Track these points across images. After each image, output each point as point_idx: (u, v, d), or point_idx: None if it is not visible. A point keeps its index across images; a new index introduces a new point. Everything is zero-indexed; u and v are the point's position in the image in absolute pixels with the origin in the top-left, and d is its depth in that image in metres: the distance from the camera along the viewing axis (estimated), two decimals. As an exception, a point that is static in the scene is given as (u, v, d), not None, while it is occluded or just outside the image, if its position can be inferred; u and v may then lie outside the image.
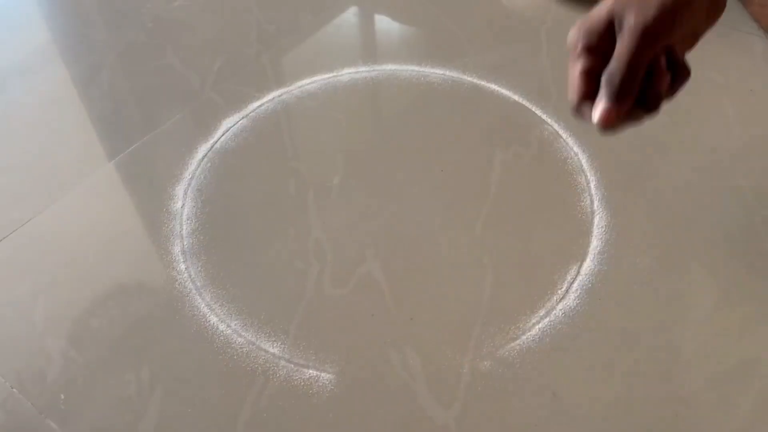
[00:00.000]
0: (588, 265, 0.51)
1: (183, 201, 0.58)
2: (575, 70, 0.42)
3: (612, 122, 0.40)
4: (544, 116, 0.65)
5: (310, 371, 0.46)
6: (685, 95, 0.71)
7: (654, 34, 0.42)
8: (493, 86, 0.69)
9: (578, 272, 0.51)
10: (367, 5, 0.83)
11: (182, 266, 0.53)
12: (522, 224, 0.54)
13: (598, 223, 0.54)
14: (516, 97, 0.67)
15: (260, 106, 0.68)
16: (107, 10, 0.86)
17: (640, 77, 0.42)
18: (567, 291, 0.50)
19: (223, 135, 0.65)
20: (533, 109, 0.65)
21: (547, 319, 0.48)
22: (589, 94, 0.42)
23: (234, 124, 0.66)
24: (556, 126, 0.63)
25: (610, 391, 0.44)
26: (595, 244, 0.53)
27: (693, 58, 0.76)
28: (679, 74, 0.43)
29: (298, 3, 0.84)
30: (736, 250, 0.52)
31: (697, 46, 0.72)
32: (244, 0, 0.85)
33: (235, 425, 0.43)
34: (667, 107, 0.70)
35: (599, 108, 0.41)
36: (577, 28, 0.42)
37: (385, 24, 0.81)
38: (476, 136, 0.63)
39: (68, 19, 0.86)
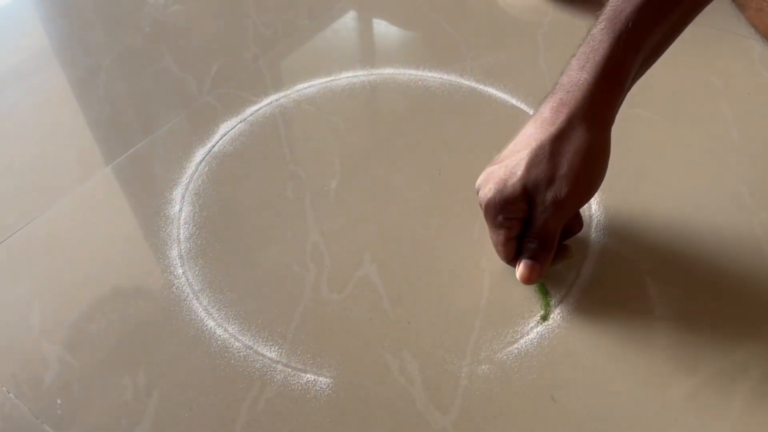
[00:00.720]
0: (586, 268, 0.51)
1: (180, 205, 0.58)
2: (499, 238, 0.48)
3: (534, 279, 0.47)
4: (541, 120, 0.65)
5: (308, 375, 0.46)
6: (683, 99, 0.72)
7: (569, 208, 0.46)
8: (491, 90, 0.69)
9: (576, 275, 0.51)
10: (365, 9, 0.83)
11: (179, 270, 0.53)
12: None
13: (596, 226, 0.54)
14: (514, 101, 0.67)
15: (258, 110, 0.68)
16: (104, 13, 0.86)
17: (556, 241, 0.47)
18: (565, 295, 0.50)
19: (220, 139, 0.65)
20: (531, 113, 0.65)
21: (546, 322, 0.48)
22: (515, 256, 0.47)
23: (231, 128, 0.66)
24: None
25: (609, 395, 0.44)
26: (593, 247, 0.53)
27: (691, 61, 0.76)
28: (579, 226, 0.50)
29: (295, 7, 0.84)
30: (735, 254, 0.52)
31: (695, 50, 0.74)
32: (242, 4, 0.85)
33: (232, 429, 0.43)
34: (666, 111, 0.71)
35: (523, 269, 0.46)
36: (492, 199, 0.45)
37: (382, 28, 0.81)
38: (474, 140, 0.63)
39: (65, 22, 0.86)
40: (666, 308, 0.48)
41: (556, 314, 0.49)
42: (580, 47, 0.45)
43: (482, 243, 0.53)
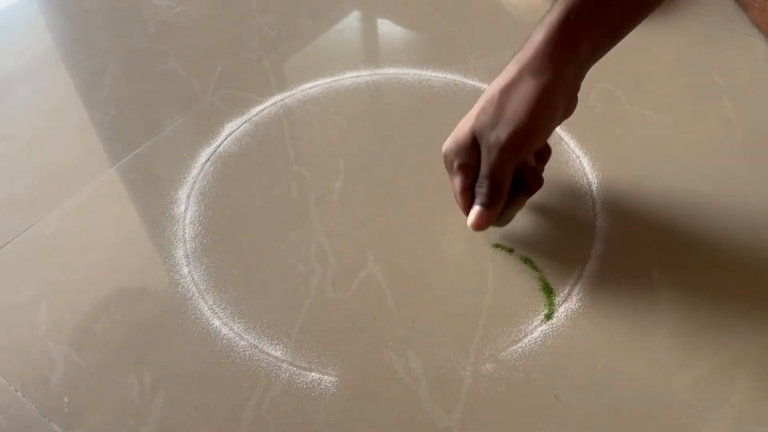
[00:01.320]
0: (590, 267, 0.51)
1: (186, 205, 0.59)
2: (456, 186, 0.49)
3: (483, 225, 0.48)
4: (545, 119, 0.65)
5: (313, 374, 0.46)
6: (686, 98, 0.72)
7: (510, 153, 0.48)
8: (495, 90, 0.69)
9: (580, 275, 0.51)
10: (368, 9, 0.84)
11: (185, 270, 0.53)
12: (524, 227, 0.54)
13: (600, 225, 0.54)
14: (517, 101, 0.67)
15: (262, 110, 0.68)
16: (109, 15, 0.87)
17: (505, 188, 0.48)
18: (569, 293, 0.50)
19: (225, 139, 0.65)
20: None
21: (550, 321, 0.48)
22: (471, 206, 0.47)
23: (236, 129, 0.66)
24: (557, 129, 0.63)
25: (613, 394, 0.44)
26: (597, 246, 0.53)
27: (694, 61, 0.77)
28: (537, 183, 0.51)
29: (299, 8, 0.85)
30: (740, 254, 0.52)
31: (698, 50, 0.74)
32: (246, 5, 0.86)
33: (237, 428, 0.43)
34: (670, 111, 0.71)
35: (471, 214, 0.48)
36: (448, 146, 0.48)
37: (387, 28, 0.81)
38: (478, 140, 0.63)
39: (70, 24, 0.86)
40: (670, 307, 0.48)
41: (560, 313, 0.49)
42: (542, 17, 0.48)
43: (486, 242, 0.53)
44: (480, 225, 0.49)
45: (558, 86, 0.46)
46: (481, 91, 0.69)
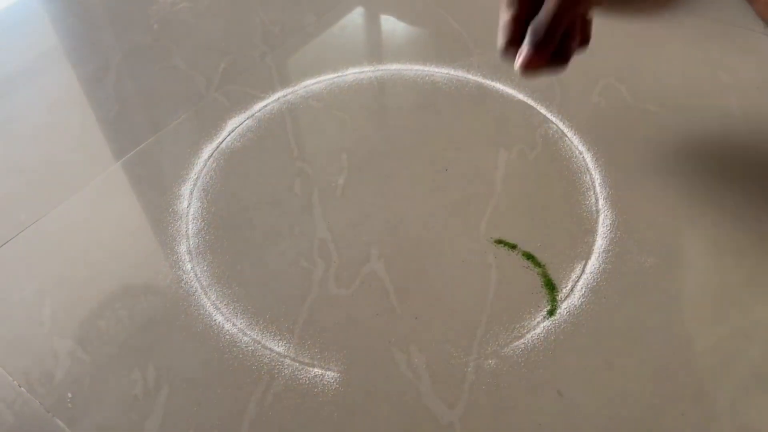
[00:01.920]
0: (593, 263, 0.51)
1: (189, 201, 0.59)
2: (506, 15, 0.47)
3: (532, 67, 0.46)
4: (548, 115, 0.65)
5: (315, 370, 0.46)
6: (691, 94, 0.71)
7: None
8: (498, 85, 0.69)
9: (583, 271, 0.51)
10: (371, 5, 0.84)
11: (188, 266, 0.53)
12: (526, 223, 0.54)
13: (603, 221, 0.54)
14: (521, 96, 0.67)
15: (265, 106, 0.69)
16: (113, 12, 0.87)
17: (560, 32, 0.47)
18: (572, 289, 0.50)
19: (228, 135, 0.65)
20: (538, 108, 0.65)
21: (552, 318, 0.48)
22: (515, 41, 0.47)
23: (239, 125, 0.66)
24: (560, 125, 0.63)
25: (616, 390, 0.44)
26: (600, 242, 0.53)
27: (699, 56, 0.76)
28: (585, 38, 0.48)
29: (302, 4, 0.85)
30: (743, 250, 0.52)
31: (703, 45, 0.74)
32: (249, 2, 0.86)
33: (240, 423, 0.43)
34: (674, 106, 0.71)
35: (523, 53, 0.46)
36: None
37: (390, 24, 0.81)
38: (481, 135, 0.63)
39: (74, 21, 0.86)
40: (672, 303, 0.48)
41: (563, 309, 0.49)
42: None
43: (489, 239, 0.53)
44: (530, 67, 0.46)
45: None
46: (484, 87, 0.69)
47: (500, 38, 0.48)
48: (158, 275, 0.53)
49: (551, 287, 0.50)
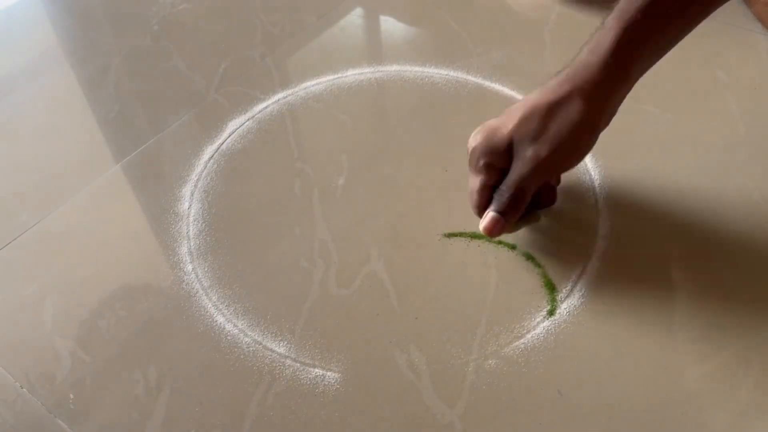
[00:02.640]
0: (593, 264, 0.52)
1: (190, 202, 0.59)
2: (475, 184, 0.49)
3: (496, 232, 0.48)
4: (548, 116, 0.65)
5: (316, 370, 0.46)
6: (689, 94, 0.72)
7: (544, 169, 0.48)
8: (497, 86, 0.69)
9: (583, 271, 0.51)
10: (371, 6, 0.84)
11: (189, 267, 0.53)
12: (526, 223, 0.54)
13: (603, 222, 0.54)
14: (520, 97, 0.67)
15: (265, 107, 0.69)
16: (113, 13, 0.87)
17: (526, 200, 0.48)
18: (572, 289, 0.50)
19: (229, 136, 0.65)
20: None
21: (552, 318, 0.48)
22: (485, 206, 0.48)
23: (240, 126, 0.66)
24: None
25: (616, 390, 0.44)
26: (599, 243, 0.53)
27: (697, 56, 0.76)
28: (550, 201, 0.52)
29: (302, 5, 0.85)
30: (742, 249, 0.52)
31: (701, 45, 0.74)
32: (249, 3, 0.86)
33: (242, 423, 0.44)
34: (672, 107, 0.71)
35: (486, 219, 0.48)
36: (479, 145, 0.48)
37: (389, 25, 0.81)
38: (480, 136, 0.63)
39: (74, 22, 0.86)
40: (673, 303, 0.48)
41: (563, 309, 0.49)
42: (594, 34, 0.47)
43: (489, 240, 0.53)
44: (494, 232, 0.49)
45: (605, 114, 0.47)
46: (484, 88, 0.69)
47: (471, 204, 0.51)
48: (159, 276, 0.53)
49: (551, 287, 0.50)
